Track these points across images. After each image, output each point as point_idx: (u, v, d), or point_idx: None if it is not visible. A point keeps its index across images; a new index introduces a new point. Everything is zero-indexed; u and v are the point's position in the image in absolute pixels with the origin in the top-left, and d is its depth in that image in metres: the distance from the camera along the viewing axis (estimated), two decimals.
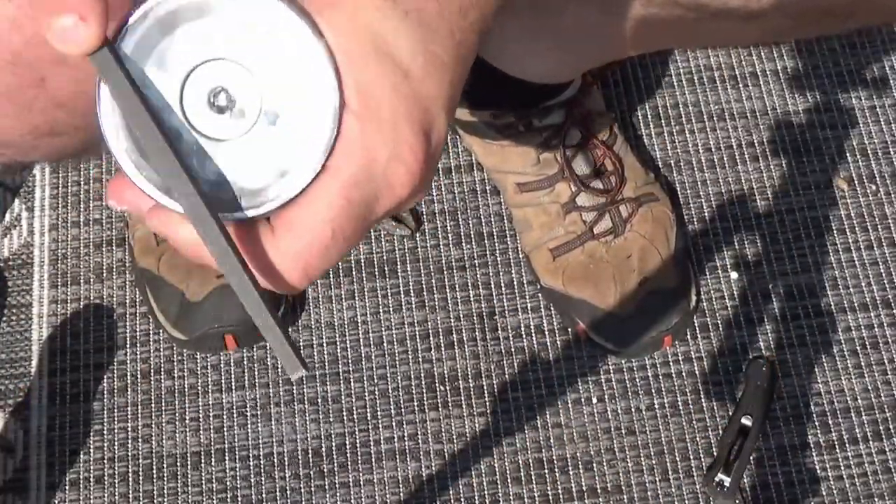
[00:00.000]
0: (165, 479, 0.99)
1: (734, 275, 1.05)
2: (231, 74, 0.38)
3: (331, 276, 1.06)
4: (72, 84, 0.43)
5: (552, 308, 1.04)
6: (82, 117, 0.41)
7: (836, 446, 0.99)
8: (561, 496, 0.98)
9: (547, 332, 1.04)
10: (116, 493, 0.98)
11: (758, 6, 0.58)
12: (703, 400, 1.01)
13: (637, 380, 1.02)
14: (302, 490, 0.99)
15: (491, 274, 1.06)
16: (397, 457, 0.99)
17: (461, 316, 1.04)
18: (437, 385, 1.02)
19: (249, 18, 0.38)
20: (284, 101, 0.38)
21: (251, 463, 1.00)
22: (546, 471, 0.99)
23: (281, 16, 0.38)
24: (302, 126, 0.38)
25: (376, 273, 1.06)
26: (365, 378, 1.02)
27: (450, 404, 1.01)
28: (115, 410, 1.01)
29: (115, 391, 1.02)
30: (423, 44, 0.38)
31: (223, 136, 0.38)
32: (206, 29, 0.38)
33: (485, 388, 1.02)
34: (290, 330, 1.04)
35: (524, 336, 1.04)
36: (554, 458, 0.99)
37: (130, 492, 0.99)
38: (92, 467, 0.99)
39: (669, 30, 0.68)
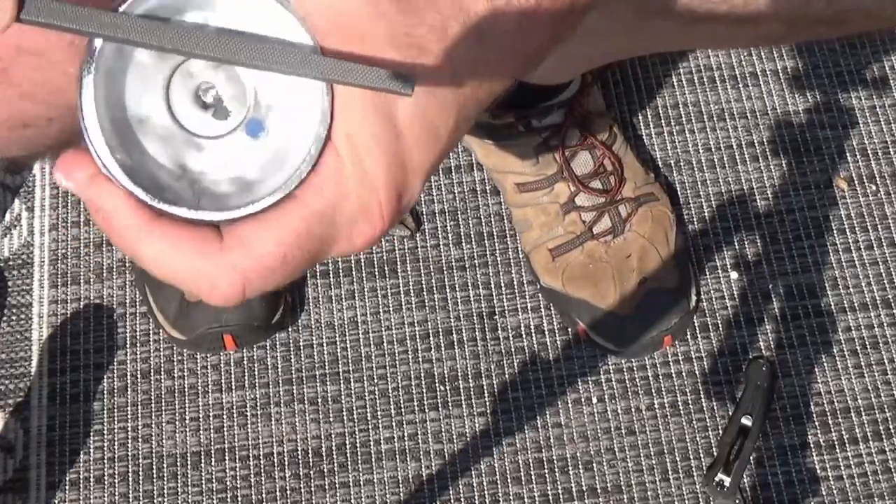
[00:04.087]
0: (165, 479, 0.99)
1: (734, 275, 1.05)
2: (227, 75, 0.38)
3: (331, 276, 1.06)
4: (36, 73, 0.43)
5: (552, 308, 1.04)
6: (51, 108, 0.41)
7: (836, 446, 0.99)
8: (561, 496, 0.98)
9: (547, 332, 1.04)
10: (116, 493, 0.99)
11: (745, 12, 0.58)
12: (703, 400, 1.01)
13: (637, 380, 1.02)
14: (302, 490, 0.99)
15: (491, 274, 1.06)
16: (397, 457, 0.99)
17: (461, 316, 1.04)
18: (437, 385, 1.02)
19: (266, 30, 0.37)
20: (272, 118, 0.38)
21: (251, 463, 0.99)
22: (546, 471, 0.99)
23: (297, 41, 0.37)
24: (282, 147, 0.37)
25: (376, 273, 1.06)
26: (365, 378, 1.02)
27: (450, 404, 1.01)
28: (115, 410, 1.01)
29: (115, 391, 1.02)
30: (425, 111, 0.38)
31: (199, 132, 0.37)
32: (216, 24, 0.37)
33: (485, 388, 1.02)
34: (290, 330, 1.04)
35: (524, 336, 1.04)
36: (554, 458, 0.99)
37: (130, 492, 0.99)
38: (92, 467, 0.99)
39: (664, 35, 0.68)
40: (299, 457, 1.00)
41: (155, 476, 0.99)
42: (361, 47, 0.37)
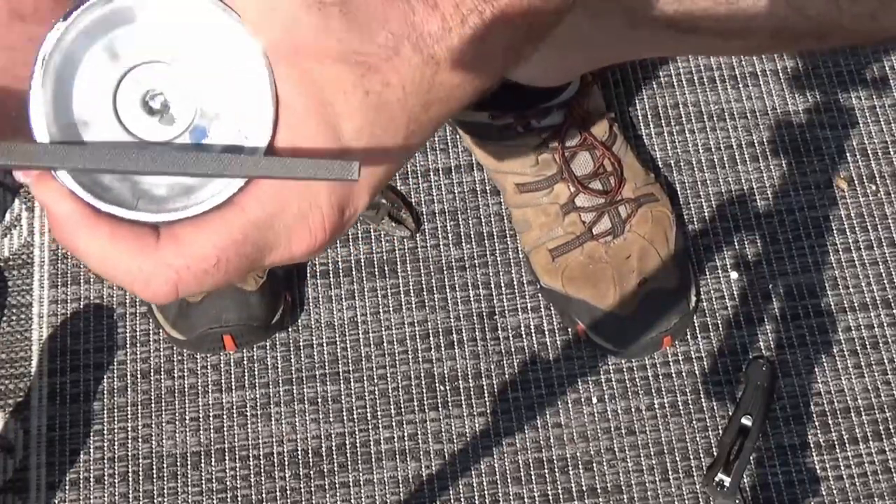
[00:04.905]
0: (165, 479, 0.99)
1: (734, 275, 1.05)
2: (175, 81, 0.38)
3: (331, 276, 1.06)
4: None
5: (552, 308, 1.04)
6: (6, 119, 0.41)
7: (836, 446, 0.99)
8: (561, 496, 0.98)
9: (547, 332, 1.04)
10: (116, 493, 0.99)
11: (730, 26, 0.59)
12: (703, 400, 1.01)
13: (637, 380, 1.02)
14: (302, 490, 0.99)
15: (491, 274, 1.06)
16: (397, 457, 0.99)
17: (461, 316, 1.04)
18: (437, 385, 1.02)
19: (214, 39, 0.38)
20: (217, 126, 0.38)
21: (251, 463, 1.00)
22: (546, 471, 0.99)
23: (245, 51, 0.38)
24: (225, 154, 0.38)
25: (376, 273, 1.06)
26: (365, 378, 1.02)
27: (450, 404, 1.01)
28: (115, 410, 1.01)
29: (115, 391, 1.02)
30: (372, 127, 0.38)
31: (144, 137, 0.38)
32: (166, 32, 0.38)
33: (485, 388, 1.02)
34: (290, 330, 1.04)
35: (524, 336, 1.04)
36: (554, 458, 0.99)
37: (130, 492, 0.99)
38: (92, 467, 0.99)
39: (655, 44, 0.69)
40: (299, 457, 1.00)
41: (155, 476, 0.99)
42: (310, 61, 0.37)
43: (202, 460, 1.00)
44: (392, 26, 0.38)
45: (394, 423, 1.01)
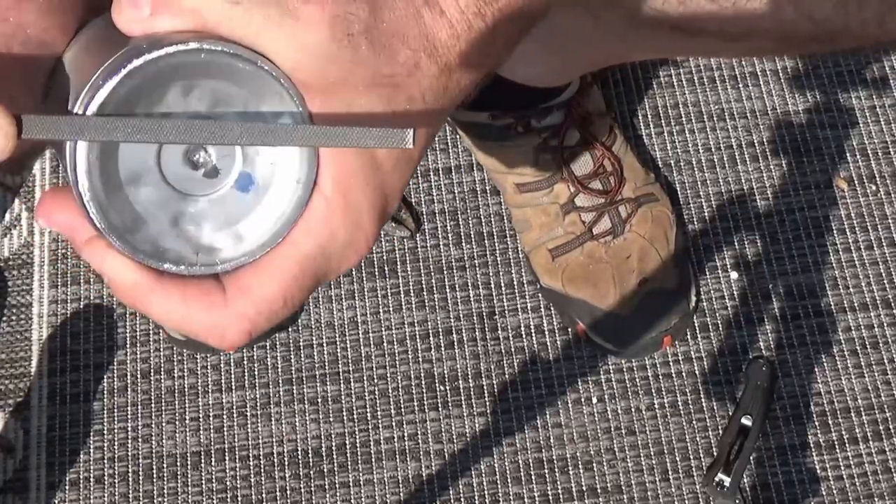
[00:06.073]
0: (165, 479, 0.99)
1: (734, 275, 1.05)
2: None
3: None
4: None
5: (552, 308, 1.04)
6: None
7: (836, 446, 0.99)
8: (561, 496, 0.98)
9: (547, 332, 1.04)
10: (116, 493, 0.99)
11: (735, 30, 0.59)
12: (703, 400, 1.01)
13: (637, 380, 1.02)
14: (302, 490, 0.99)
15: (491, 274, 1.06)
16: (397, 457, 0.99)
17: (461, 316, 1.04)
18: (437, 385, 1.02)
19: (250, 86, 0.38)
20: (260, 168, 0.39)
21: (251, 463, 1.00)
22: (546, 471, 0.99)
23: (278, 93, 0.38)
24: (272, 195, 0.39)
25: (376, 273, 1.06)
26: (365, 378, 1.02)
27: (450, 404, 1.01)
28: (115, 410, 1.01)
29: (115, 391, 1.02)
30: None
31: (192, 192, 0.39)
32: (203, 85, 0.38)
33: (485, 388, 1.02)
34: (290, 330, 1.04)
35: (524, 336, 1.04)
36: (554, 458, 0.99)
37: (130, 492, 0.99)
38: (92, 467, 0.99)
39: (657, 45, 0.70)
40: (299, 457, 1.00)
41: (155, 476, 0.99)
42: (344, 92, 0.38)
43: (202, 460, 1.00)
44: (410, 42, 0.39)
45: (394, 423, 1.01)
